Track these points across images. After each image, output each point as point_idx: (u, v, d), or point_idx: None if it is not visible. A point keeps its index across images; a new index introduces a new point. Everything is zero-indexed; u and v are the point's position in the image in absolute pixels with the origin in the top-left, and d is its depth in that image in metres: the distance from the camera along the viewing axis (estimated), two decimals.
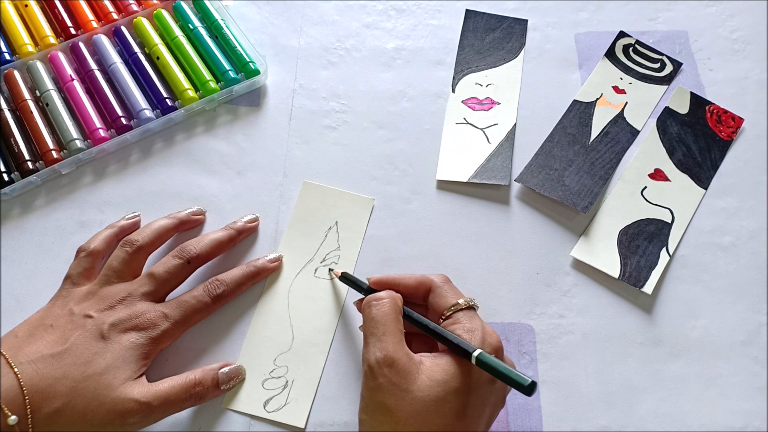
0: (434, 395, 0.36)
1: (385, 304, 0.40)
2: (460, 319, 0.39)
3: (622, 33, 0.60)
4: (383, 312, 0.39)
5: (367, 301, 0.40)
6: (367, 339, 0.39)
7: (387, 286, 0.43)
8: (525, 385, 0.34)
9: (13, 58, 0.56)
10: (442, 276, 0.43)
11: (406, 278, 0.43)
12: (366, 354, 0.38)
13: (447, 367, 0.37)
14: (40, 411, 0.37)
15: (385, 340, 0.37)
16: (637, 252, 0.49)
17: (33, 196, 0.51)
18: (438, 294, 0.41)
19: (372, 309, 0.40)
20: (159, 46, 0.56)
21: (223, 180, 0.52)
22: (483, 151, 0.54)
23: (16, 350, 0.39)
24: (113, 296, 0.43)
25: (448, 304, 0.40)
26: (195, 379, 0.42)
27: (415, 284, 0.42)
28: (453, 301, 0.40)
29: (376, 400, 0.36)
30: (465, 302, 0.40)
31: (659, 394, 0.45)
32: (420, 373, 0.36)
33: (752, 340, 0.46)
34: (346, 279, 0.46)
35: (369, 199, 0.52)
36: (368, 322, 0.39)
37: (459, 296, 0.41)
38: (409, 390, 0.36)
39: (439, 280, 0.42)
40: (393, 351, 0.37)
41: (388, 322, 0.39)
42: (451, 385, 0.36)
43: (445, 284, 0.42)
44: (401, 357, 0.37)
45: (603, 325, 0.47)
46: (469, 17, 0.61)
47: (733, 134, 0.55)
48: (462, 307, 0.40)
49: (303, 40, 0.60)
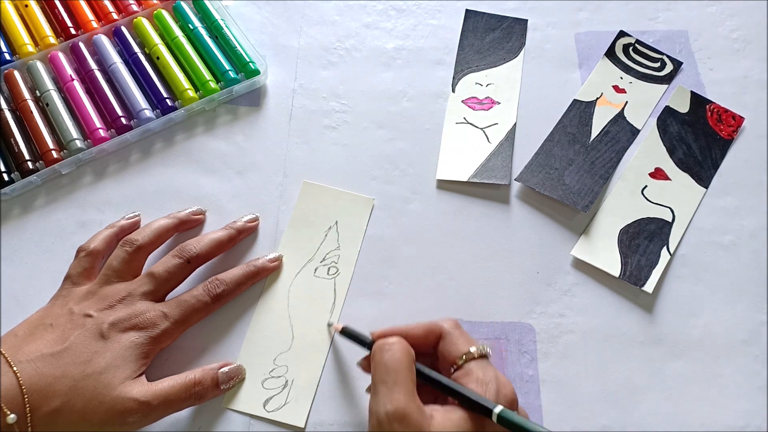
0: None
1: (397, 350, 0.37)
2: (473, 369, 0.37)
3: (622, 32, 0.60)
4: (396, 358, 0.36)
5: (378, 346, 0.38)
6: (376, 387, 0.36)
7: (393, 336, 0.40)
8: None
9: (13, 58, 0.56)
10: (452, 321, 0.40)
11: (414, 328, 0.40)
12: (374, 405, 0.35)
13: (460, 422, 0.35)
14: (40, 410, 0.37)
15: (397, 390, 0.35)
16: (638, 251, 0.49)
17: (33, 196, 0.51)
18: (448, 341, 0.39)
19: (384, 354, 0.37)
20: (159, 46, 0.56)
21: (223, 180, 0.52)
22: (483, 151, 0.54)
23: (15, 349, 0.39)
24: (113, 296, 0.43)
25: (459, 353, 0.38)
26: (195, 378, 0.42)
27: (424, 333, 0.40)
28: (464, 349, 0.38)
29: None
30: (477, 351, 0.38)
31: (660, 393, 0.45)
32: (431, 428, 0.34)
33: (753, 339, 0.46)
34: (347, 334, 0.43)
35: (369, 198, 0.52)
36: (379, 368, 0.37)
37: (471, 343, 0.39)
38: None
39: (449, 327, 0.40)
40: (405, 404, 0.34)
41: (400, 369, 0.36)
42: None
43: (456, 330, 0.40)
44: (413, 411, 0.34)
45: (603, 325, 0.47)
46: (469, 17, 0.61)
47: (734, 133, 0.55)
48: (474, 356, 0.38)
49: (303, 40, 0.60)
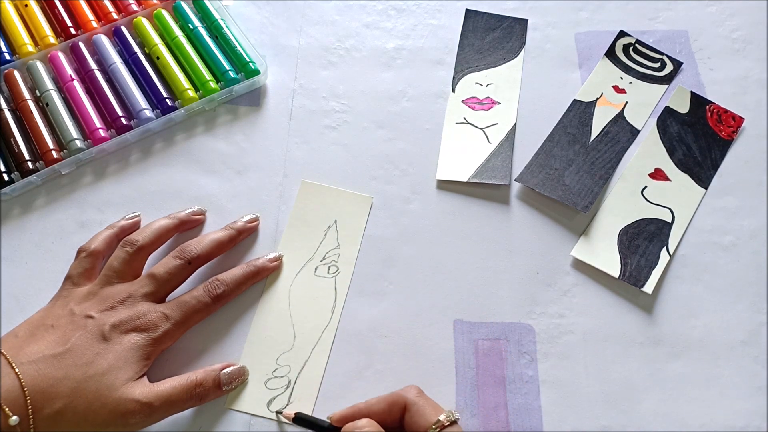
0: None
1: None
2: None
3: (622, 32, 0.60)
4: None
5: None
6: None
7: (354, 418, 0.39)
8: None
9: (13, 58, 0.56)
10: (415, 389, 0.39)
11: (375, 404, 0.39)
12: None
13: None
14: (42, 411, 0.37)
15: None
16: (638, 251, 0.49)
17: (33, 196, 0.51)
18: (415, 412, 0.38)
19: None
20: (159, 46, 0.56)
21: (223, 180, 0.52)
22: (483, 151, 0.54)
23: (16, 350, 0.39)
24: (114, 297, 0.43)
25: (428, 423, 0.37)
26: (196, 379, 0.42)
27: (387, 407, 0.39)
28: (433, 419, 0.37)
29: None
30: (446, 418, 0.37)
31: (659, 393, 0.45)
32: None
33: (753, 339, 0.46)
34: (301, 421, 0.41)
35: (367, 197, 0.52)
36: None
37: (438, 411, 0.38)
38: None
39: (413, 397, 0.39)
40: None
41: None
42: None
43: (420, 399, 0.39)
44: None
45: (603, 325, 0.47)
46: (469, 17, 0.61)
47: (734, 134, 0.55)
48: (444, 425, 0.37)
49: (303, 40, 0.60)
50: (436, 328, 0.47)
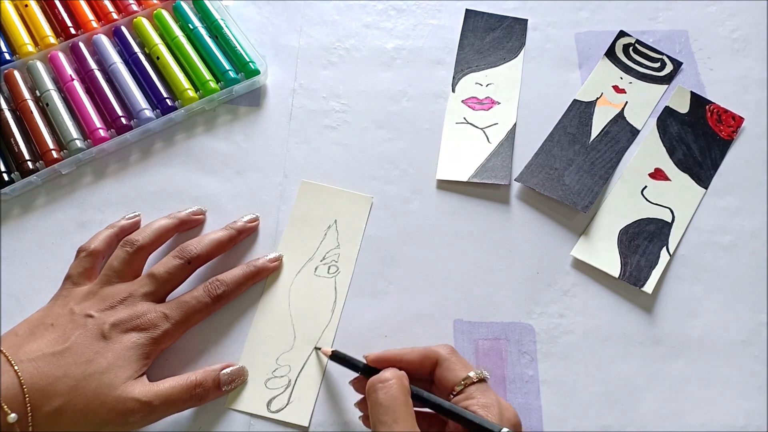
0: None
1: (392, 386, 0.36)
2: (474, 394, 0.37)
3: (622, 32, 0.60)
4: (391, 395, 0.36)
5: (372, 384, 0.37)
6: (376, 426, 0.35)
7: (388, 362, 0.40)
8: None
9: (13, 58, 0.56)
10: (448, 347, 0.40)
11: (409, 353, 0.40)
12: None
13: None
14: (41, 409, 0.37)
15: (396, 427, 0.34)
16: (638, 251, 0.49)
17: (33, 196, 0.51)
18: (446, 368, 0.38)
19: (378, 393, 0.36)
20: (159, 46, 0.56)
21: (223, 180, 0.52)
22: (483, 151, 0.54)
23: (16, 348, 0.39)
24: (114, 296, 0.43)
25: (458, 379, 0.38)
26: (196, 380, 0.42)
27: (420, 359, 0.39)
28: (463, 374, 0.38)
29: None
30: (476, 375, 0.38)
31: (660, 393, 0.45)
32: None
33: (753, 339, 0.46)
34: (337, 358, 0.42)
35: (367, 197, 0.52)
36: (375, 407, 0.36)
37: (468, 368, 0.38)
38: None
39: (445, 352, 0.39)
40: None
41: (397, 406, 0.35)
42: None
43: (453, 356, 0.39)
44: None
45: (603, 325, 0.47)
46: (469, 17, 0.61)
47: (734, 133, 0.55)
48: (473, 381, 0.38)
49: (303, 40, 0.60)
50: (436, 328, 0.47)
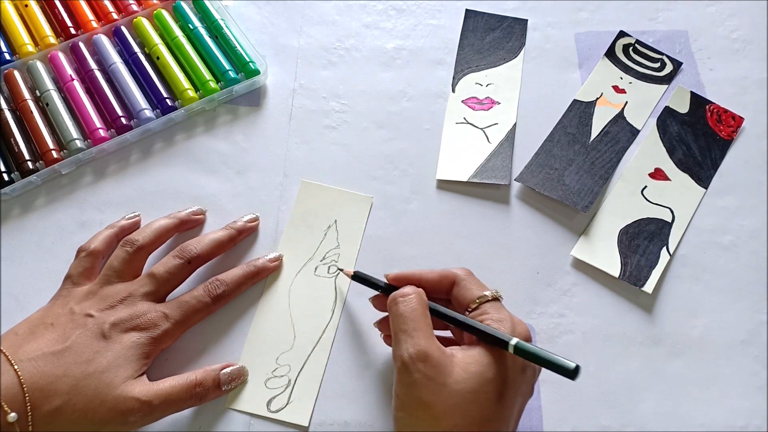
0: (470, 387, 0.35)
1: (412, 299, 0.39)
2: (488, 310, 0.39)
3: (622, 32, 0.60)
4: (411, 308, 0.39)
5: (393, 298, 0.40)
6: (397, 336, 0.38)
7: (407, 281, 0.42)
8: (570, 369, 0.34)
9: (13, 58, 0.56)
10: (465, 269, 0.42)
11: (428, 273, 0.42)
12: (398, 351, 0.37)
13: (480, 357, 0.37)
14: (41, 409, 0.37)
15: (417, 335, 0.37)
16: (638, 251, 0.49)
17: (33, 196, 0.51)
18: (462, 287, 0.41)
19: (399, 306, 0.39)
20: (159, 46, 0.56)
21: (223, 180, 0.53)
22: (483, 151, 0.54)
23: (16, 348, 0.39)
24: (114, 296, 0.43)
25: (473, 297, 0.40)
26: (196, 379, 0.42)
27: (438, 279, 0.42)
28: (478, 293, 0.40)
29: (412, 397, 0.36)
30: (491, 294, 0.40)
31: (659, 393, 0.45)
32: (454, 365, 0.36)
33: (752, 339, 0.46)
34: (359, 278, 0.45)
35: (367, 197, 0.52)
36: (396, 318, 0.39)
37: (484, 288, 0.41)
38: (446, 384, 0.35)
39: (462, 274, 0.42)
40: (426, 346, 0.37)
41: (417, 317, 0.38)
42: (485, 375, 0.36)
43: (469, 277, 0.42)
44: (434, 351, 0.36)
45: (603, 325, 0.47)
46: (469, 17, 0.61)
47: (734, 133, 0.55)
48: (488, 299, 0.40)
49: (303, 40, 0.60)
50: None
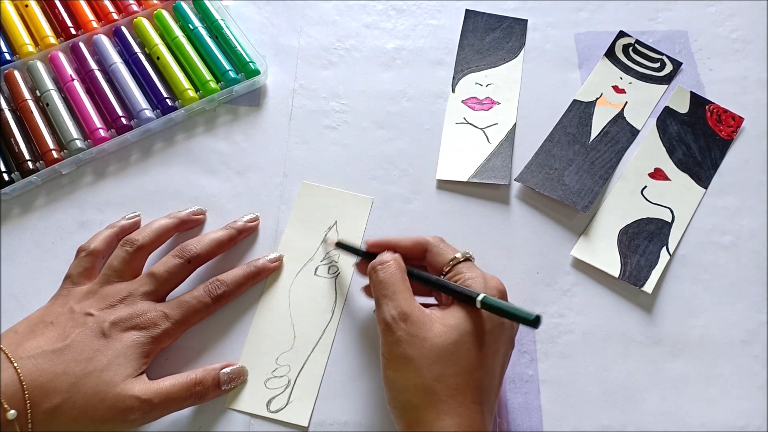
0: (451, 339, 0.38)
1: (391, 266, 0.41)
2: (461, 270, 0.41)
3: (621, 33, 0.60)
4: (390, 273, 0.41)
5: (372, 265, 0.42)
6: (379, 301, 0.40)
7: (385, 247, 0.44)
8: (531, 319, 0.36)
9: (13, 58, 0.56)
10: (437, 237, 0.44)
11: (403, 240, 0.44)
12: (381, 314, 0.40)
13: (457, 313, 0.39)
14: (40, 406, 0.37)
15: (397, 298, 0.39)
16: (638, 251, 0.49)
17: (33, 196, 0.51)
18: (435, 252, 0.43)
19: (379, 272, 0.41)
20: (159, 46, 0.56)
21: (223, 180, 0.53)
22: (483, 151, 0.54)
23: (15, 346, 0.39)
24: (114, 295, 0.43)
25: (446, 260, 0.42)
26: (196, 378, 0.42)
27: (412, 245, 0.44)
28: (450, 255, 0.42)
29: (396, 354, 0.38)
30: (462, 255, 0.42)
31: (660, 393, 0.45)
32: (433, 322, 0.38)
33: (753, 339, 0.46)
34: (341, 246, 0.48)
35: (367, 198, 0.52)
36: (377, 284, 0.41)
37: (455, 251, 0.43)
38: (427, 338, 0.38)
39: (434, 240, 0.44)
40: (406, 306, 0.39)
41: (396, 281, 0.40)
42: (464, 327, 0.38)
43: (441, 243, 0.44)
44: (414, 310, 0.39)
45: (603, 325, 0.47)
46: (469, 17, 0.61)
47: (733, 133, 0.55)
48: (460, 260, 0.42)
49: (303, 40, 0.60)
50: None
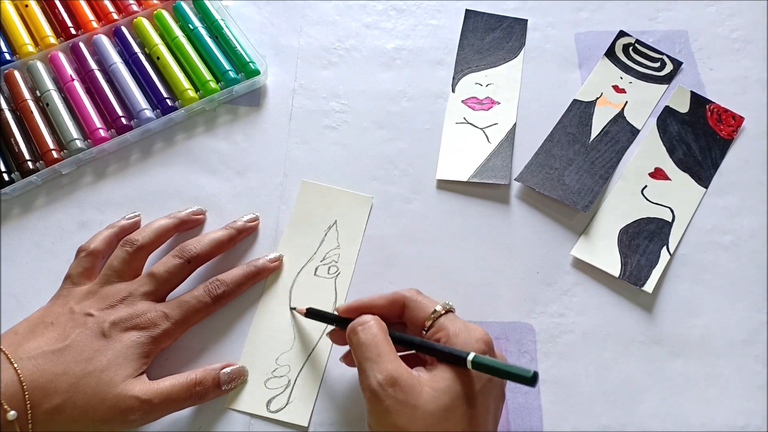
0: (442, 405, 0.35)
1: (371, 326, 0.38)
2: (443, 325, 0.39)
3: (622, 32, 0.60)
4: (372, 334, 0.38)
5: (352, 328, 0.39)
6: (362, 365, 0.37)
7: (358, 311, 0.41)
8: (528, 377, 0.34)
9: (13, 58, 0.56)
10: (413, 289, 0.41)
11: (377, 299, 0.41)
12: (365, 380, 0.37)
13: (445, 374, 0.36)
14: (40, 407, 0.37)
15: (382, 360, 0.36)
16: (638, 251, 0.49)
17: (33, 196, 0.51)
18: (413, 308, 0.40)
19: (359, 334, 0.38)
20: (159, 46, 0.56)
21: (223, 180, 0.53)
22: (483, 151, 0.54)
23: (15, 346, 0.39)
24: (114, 295, 0.43)
25: (426, 314, 0.40)
26: (196, 378, 0.42)
27: (388, 304, 0.41)
28: (430, 309, 0.40)
29: (387, 424, 0.35)
30: (442, 307, 0.40)
31: (660, 393, 0.45)
32: (423, 386, 0.36)
33: (753, 338, 0.46)
34: (312, 314, 0.44)
35: (368, 197, 0.52)
36: (359, 348, 0.38)
37: (434, 303, 0.40)
38: (418, 405, 0.35)
39: (411, 295, 0.41)
40: (393, 369, 0.36)
41: (379, 342, 0.37)
42: (454, 389, 0.36)
43: (418, 295, 0.41)
44: (402, 374, 0.36)
45: (603, 324, 0.47)
46: (469, 17, 0.61)
47: (734, 133, 0.55)
48: (441, 313, 0.39)
49: (303, 40, 0.60)
50: None
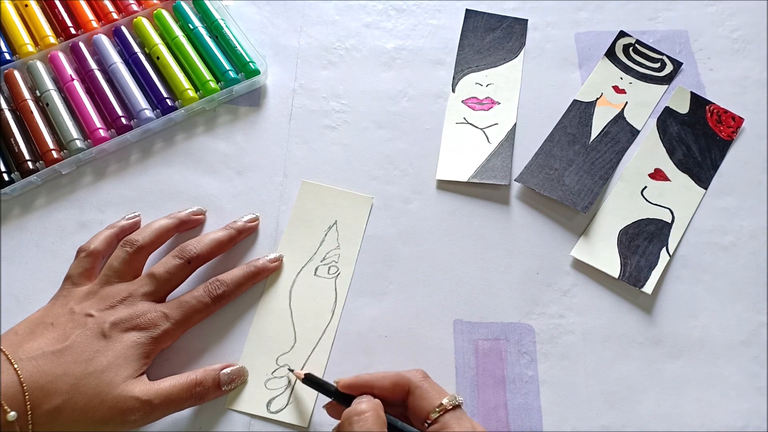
0: None
1: (368, 419, 0.36)
2: (449, 422, 0.36)
3: (622, 33, 0.60)
4: (367, 429, 0.35)
5: (347, 417, 0.36)
6: None
7: (359, 389, 0.39)
8: None
9: (13, 58, 0.56)
10: (420, 372, 0.39)
11: (380, 379, 0.39)
12: None
13: None
14: (40, 407, 0.37)
15: None
16: (637, 252, 0.49)
17: (33, 196, 0.51)
18: (418, 396, 0.38)
19: (354, 425, 0.36)
20: (159, 46, 0.56)
21: (223, 180, 0.53)
22: (483, 151, 0.54)
23: (16, 347, 0.39)
24: (114, 296, 0.43)
25: (432, 406, 0.37)
26: (196, 379, 0.42)
27: (391, 386, 0.39)
28: (436, 402, 0.37)
29: None
30: (449, 402, 0.37)
31: (659, 393, 0.45)
32: None
33: (752, 339, 0.46)
34: (310, 382, 0.41)
35: (368, 197, 0.52)
36: None
37: (442, 394, 0.38)
38: None
39: (417, 379, 0.38)
40: None
41: None
42: None
43: (425, 382, 0.38)
44: None
45: (603, 325, 0.47)
46: (469, 17, 0.61)
47: (734, 134, 0.55)
48: (447, 408, 0.37)
49: (303, 40, 0.60)
50: (436, 328, 0.47)
